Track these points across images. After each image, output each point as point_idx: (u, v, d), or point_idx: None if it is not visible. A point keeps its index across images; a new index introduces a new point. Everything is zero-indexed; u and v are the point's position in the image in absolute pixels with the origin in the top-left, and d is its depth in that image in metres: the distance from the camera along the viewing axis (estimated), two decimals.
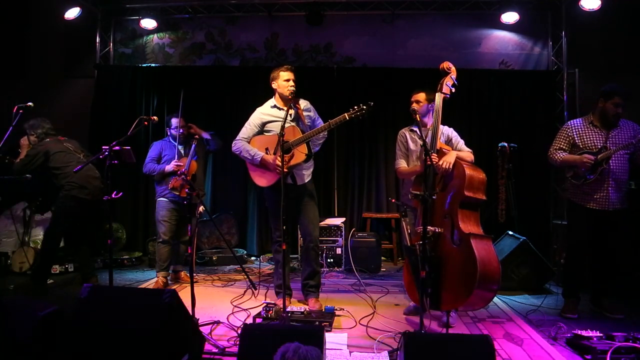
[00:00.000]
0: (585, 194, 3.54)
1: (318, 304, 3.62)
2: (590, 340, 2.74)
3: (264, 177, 3.65)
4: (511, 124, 5.80)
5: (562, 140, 3.64)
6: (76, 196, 4.05)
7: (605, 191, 3.46)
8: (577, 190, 3.59)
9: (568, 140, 3.61)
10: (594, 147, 3.48)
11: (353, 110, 3.28)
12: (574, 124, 3.63)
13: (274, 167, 3.50)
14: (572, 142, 3.59)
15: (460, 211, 3.07)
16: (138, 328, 2.22)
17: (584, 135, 3.54)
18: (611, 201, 3.46)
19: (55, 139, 4.20)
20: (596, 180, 3.45)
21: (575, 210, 3.64)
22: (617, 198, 3.48)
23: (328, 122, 3.42)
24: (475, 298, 2.90)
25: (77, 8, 5.80)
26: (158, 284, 4.36)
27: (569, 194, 3.68)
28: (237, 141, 3.73)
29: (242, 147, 3.68)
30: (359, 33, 6.21)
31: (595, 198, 3.49)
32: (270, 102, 3.74)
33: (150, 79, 6.27)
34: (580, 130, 3.57)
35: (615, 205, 3.48)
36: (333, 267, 5.26)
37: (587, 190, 3.52)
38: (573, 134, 3.59)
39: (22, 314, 2.37)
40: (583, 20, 5.59)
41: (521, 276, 4.32)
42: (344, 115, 3.30)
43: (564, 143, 3.63)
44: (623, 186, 3.51)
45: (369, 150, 6.10)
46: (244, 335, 2.30)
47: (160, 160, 4.47)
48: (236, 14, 6.26)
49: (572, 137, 3.59)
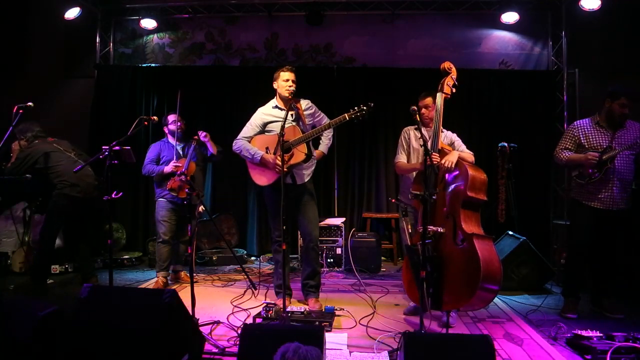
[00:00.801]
0: (589, 193, 3.54)
1: (318, 304, 3.62)
2: (590, 340, 2.74)
3: (263, 175, 3.66)
4: (511, 124, 5.80)
5: (568, 140, 3.64)
6: (68, 194, 4.06)
7: (610, 191, 3.46)
8: (581, 190, 3.59)
9: (574, 141, 3.61)
10: (599, 146, 3.48)
11: (353, 111, 3.29)
12: (580, 124, 3.63)
13: (274, 166, 3.51)
14: (578, 142, 3.60)
15: (462, 211, 3.07)
16: (138, 328, 2.22)
17: (590, 135, 3.54)
18: (615, 201, 3.46)
19: (44, 140, 4.21)
20: (601, 179, 3.45)
21: (578, 209, 3.63)
22: (621, 198, 3.48)
23: (328, 122, 3.46)
24: (477, 299, 2.90)
25: (77, 8, 5.80)
26: (158, 284, 4.36)
27: (574, 192, 3.68)
28: (237, 140, 3.74)
29: (243, 146, 3.69)
30: (359, 33, 6.20)
31: (600, 197, 3.49)
32: (272, 103, 3.75)
33: (150, 79, 6.27)
34: (586, 130, 3.57)
35: (619, 205, 3.48)
36: (333, 267, 5.26)
37: (591, 190, 3.52)
38: (579, 134, 3.59)
39: (22, 314, 2.36)
40: (583, 20, 5.59)
41: (521, 276, 4.32)
42: (344, 116, 3.31)
43: (569, 143, 3.63)
44: (628, 186, 3.51)
45: (369, 150, 6.09)
46: (244, 335, 2.30)
47: (159, 161, 4.47)
48: (236, 14, 6.26)
49: (578, 137, 3.59)
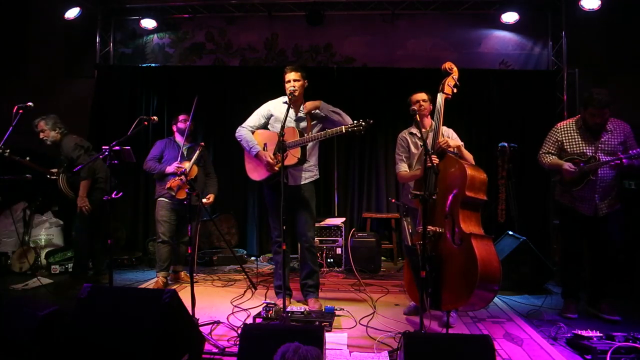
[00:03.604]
0: (573, 198, 3.51)
1: (318, 304, 3.62)
2: (590, 340, 2.74)
3: (256, 171, 3.70)
4: (511, 124, 5.80)
5: (550, 144, 3.59)
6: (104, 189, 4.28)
7: (592, 201, 3.42)
8: (565, 194, 3.56)
9: (557, 145, 3.55)
10: (583, 155, 3.41)
11: (351, 124, 3.27)
12: (564, 127, 3.55)
13: (265, 163, 3.55)
14: (561, 147, 3.53)
15: (461, 211, 3.07)
16: (138, 328, 2.22)
17: (573, 142, 3.48)
18: (599, 208, 3.43)
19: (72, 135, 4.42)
20: (582, 189, 3.41)
21: (565, 213, 3.62)
22: (605, 205, 3.43)
23: (325, 130, 3.44)
24: (476, 298, 2.90)
25: (77, 8, 5.80)
26: (158, 284, 4.36)
27: (558, 196, 3.65)
28: (241, 128, 3.76)
29: (244, 136, 3.72)
30: (359, 33, 6.20)
31: (583, 205, 3.46)
32: (283, 98, 3.75)
33: (150, 79, 6.26)
34: (569, 135, 3.50)
35: (603, 211, 3.43)
36: (333, 267, 5.25)
37: (575, 195, 3.48)
38: (562, 138, 3.52)
39: (22, 314, 2.37)
40: (583, 20, 5.59)
41: (521, 276, 4.31)
42: (341, 128, 3.30)
43: (552, 147, 3.58)
44: (611, 191, 3.44)
45: (369, 150, 6.09)
46: (244, 335, 2.31)
47: (161, 159, 4.48)
48: (236, 14, 6.26)
49: (560, 141, 3.53)
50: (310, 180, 3.74)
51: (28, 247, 4.95)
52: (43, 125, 4.26)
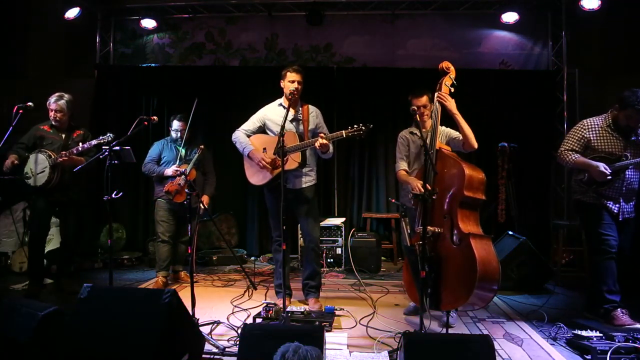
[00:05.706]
0: (600, 196, 3.37)
1: (318, 304, 3.62)
2: (590, 340, 2.74)
3: (255, 175, 3.69)
4: (511, 124, 5.79)
5: (574, 140, 3.41)
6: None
7: (617, 202, 3.35)
8: (588, 192, 3.41)
9: (582, 142, 3.38)
10: (612, 155, 3.30)
11: (351, 129, 3.27)
12: (592, 125, 3.39)
13: (258, 161, 3.55)
14: (587, 144, 3.37)
15: (459, 211, 3.07)
16: (138, 328, 2.22)
17: (603, 140, 3.33)
18: (622, 211, 3.36)
19: None
20: (608, 189, 3.33)
21: (591, 210, 3.41)
22: (627, 207, 3.38)
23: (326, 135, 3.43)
24: (475, 298, 2.90)
25: (77, 8, 5.80)
26: (158, 284, 4.36)
27: (579, 195, 3.49)
28: (237, 131, 3.78)
29: (238, 138, 3.74)
30: (359, 33, 6.20)
31: (610, 204, 3.35)
32: (278, 101, 3.76)
33: (150, 79, 6.26)
34: (596, 132, 3.36)
35: (624, 215, 3.37)
36: (333, 267, 5.25)
37: (602, 193, 3.36)
38: (590, 136, 3.36)
39: (22, 314, 2.37)
40: (583, 20, 5.60)
41: (521, 276, 4.31)
42: (341, 132, 3.30)
43: (577, 144, 3.40)
44: (633, 195, 3.38)
45: (369, 150, 6.09)
46: (244, 335, 2.31)
47: (159, 161, 4.47)
48: (236, 14, 6.26)
49: (587, 139, 3.36)
50: (310, 185, 3.74)
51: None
52: (65, 108, 4.04)
